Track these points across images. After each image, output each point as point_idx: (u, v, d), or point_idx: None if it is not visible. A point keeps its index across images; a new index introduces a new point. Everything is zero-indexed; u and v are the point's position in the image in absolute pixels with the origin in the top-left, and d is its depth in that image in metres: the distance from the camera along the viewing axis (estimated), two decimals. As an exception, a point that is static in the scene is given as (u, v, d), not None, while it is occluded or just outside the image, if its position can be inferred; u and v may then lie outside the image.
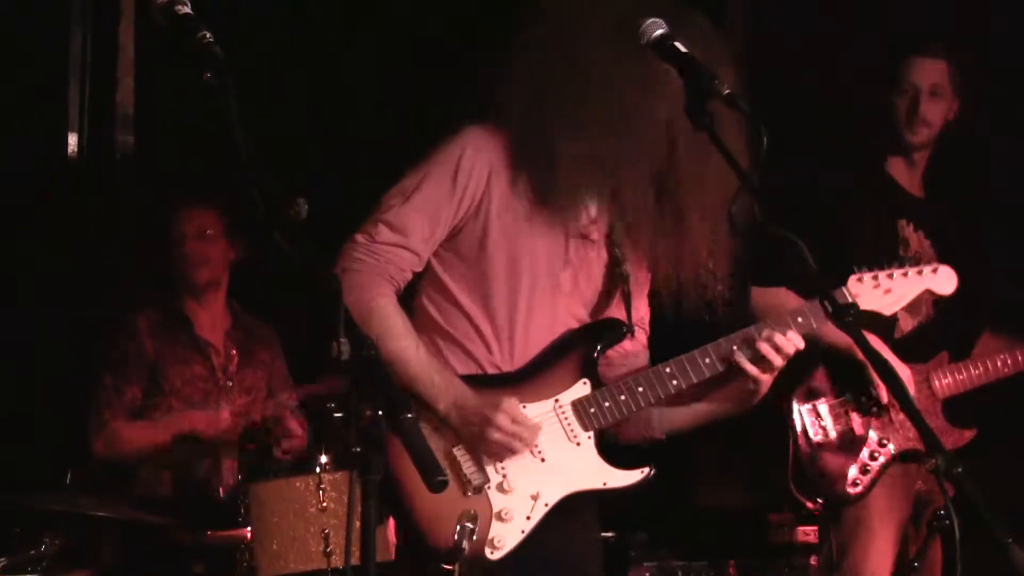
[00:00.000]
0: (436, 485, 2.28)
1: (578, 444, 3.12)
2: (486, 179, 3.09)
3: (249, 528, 4.20)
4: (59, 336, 5.22)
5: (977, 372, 4.27)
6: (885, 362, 2.55)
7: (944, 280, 3.43)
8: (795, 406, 4.24)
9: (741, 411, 3.20)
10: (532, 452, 3.08)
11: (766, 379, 3.10)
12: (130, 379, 4.77)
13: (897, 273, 3.33)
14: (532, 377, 3.14)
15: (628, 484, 3.13)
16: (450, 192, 3.09)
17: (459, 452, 3.05)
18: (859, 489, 4.16)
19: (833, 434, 4.21)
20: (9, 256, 5.24)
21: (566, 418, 3.13)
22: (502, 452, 3.04)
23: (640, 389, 3.12)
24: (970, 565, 3.85)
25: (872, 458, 4.18)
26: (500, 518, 3.04)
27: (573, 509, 3.12)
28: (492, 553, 3.03)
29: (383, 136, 5.56)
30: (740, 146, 2.82)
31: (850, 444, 4.20)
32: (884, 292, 3.31)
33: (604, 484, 3.12)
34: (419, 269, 3.15)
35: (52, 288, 5.30)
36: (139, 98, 5.69)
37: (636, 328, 3.26)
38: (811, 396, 4.25)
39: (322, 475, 4.03)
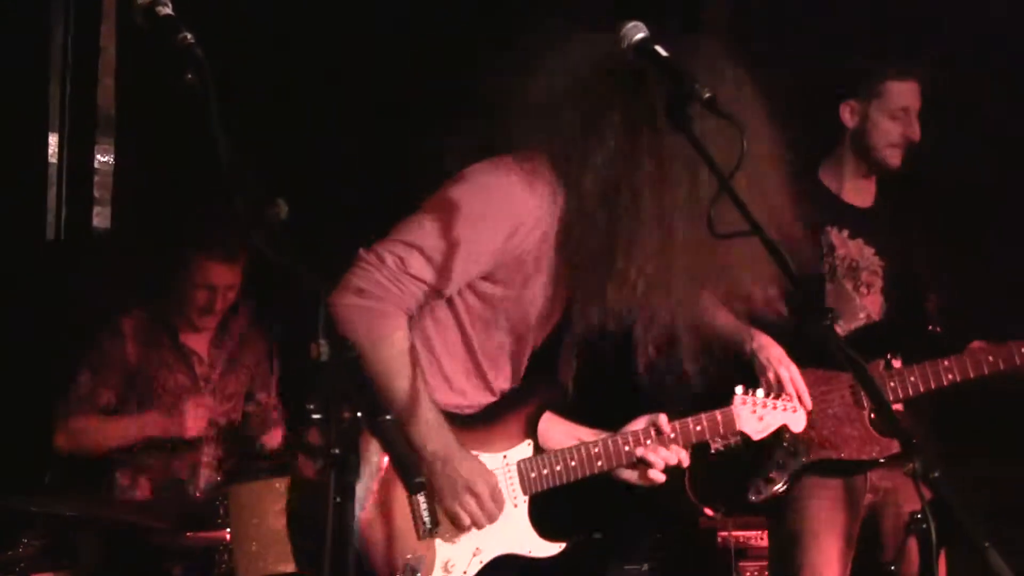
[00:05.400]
0: (415, 487, 2.30)
1: (515, 506, 3.16)
2: (538, 241, 3.01)
3: (228, 529, 4.19)
4: (39, 336, 5.20)
5: (912, 379, 4.15)
6: (863, 368, 2.55)
7: (798, 420, 3.66)
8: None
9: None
10: None
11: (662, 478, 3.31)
12: (107, 381, 4.76)
13: (770, 403, 3.58)
14: (486, 426, 3.15)
15: (548, 556, 3.18)
16: (502, 248, 2.98)
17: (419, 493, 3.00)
18: (761, 497, 4.14)
19: (735, 441, 4.17)
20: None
21: (510, 477, 3.16)
22: (465, 522, 3.04)
23: (572, 464, 3.22)
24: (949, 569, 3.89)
25: (780, 467, 4.15)
26: (445, 569, 3.05)
27: (505, 566, 3.15)
28: None
29: (366, 137, 5.56)
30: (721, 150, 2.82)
31: (755, 452, 4.07)
32: (758, 419, 3.55)
33: (529, 552, 3.17)
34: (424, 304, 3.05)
35: (32, 289, 5.29)
36: (120, 100, 5.68)
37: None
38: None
39: (302, 477, 4.01)
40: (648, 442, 3.29)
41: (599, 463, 3.24)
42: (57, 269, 5.42)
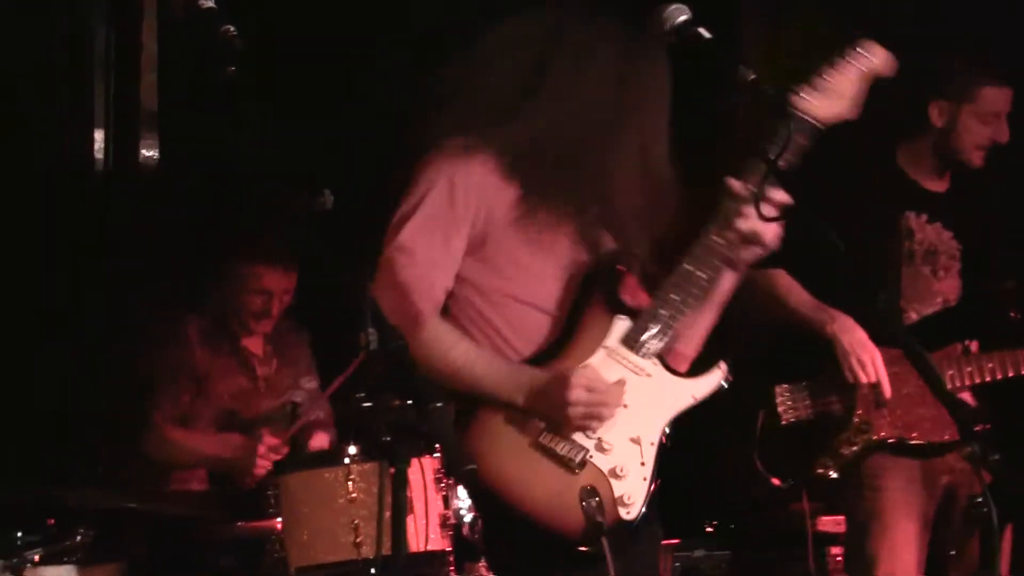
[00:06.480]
0: (468, 474, 2.31)
1: (649, 376, 3.08)
2: (485, 193, 3.09)
3: (279, 519, 4.21)
4: (94, 335, 5.25)
5: (990, 366, 4.19)
6: (916, 348, 2.55)
7: (875, 56, 3.24)
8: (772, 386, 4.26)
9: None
10: None
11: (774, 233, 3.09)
12: (183, 386, 4.83)
13: (828, 70, 3.19)
14: (570, 341, 3.10)
15: (715, 386, 3.11)
16: (450, 207, 3.07)
17: (546, 439, 3.01)
18: (828, 472, 4.16)
19: (806, 415, 4.20)
20: (43, 255, 5.28)
21: (623, 358, 3.08)
22: (592, 424, 2.99)
23: (676, 297, 3.09)
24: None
25: (848, 443, 4.17)
26: (616, 475, 3.00)
27: None
28: (628, 513, 3.00)
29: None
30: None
31: (826, 426, 4.19)
32: (831, 94, 3.17)
33: (694, 398, 3.11)
34: (448, 285, 3.12)
35: (84, 287, 5.33)
36: (163, 95, 5.70)
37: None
38: (788, 375, 4.26)
39: (351, 466, 4.03)
40: (739, 212, 3.06)
41: (704, 273, 3.09)
42: (107, 266, 5.46)
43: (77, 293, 5.32)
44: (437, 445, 3.36)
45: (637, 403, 3.06)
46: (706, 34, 2.83)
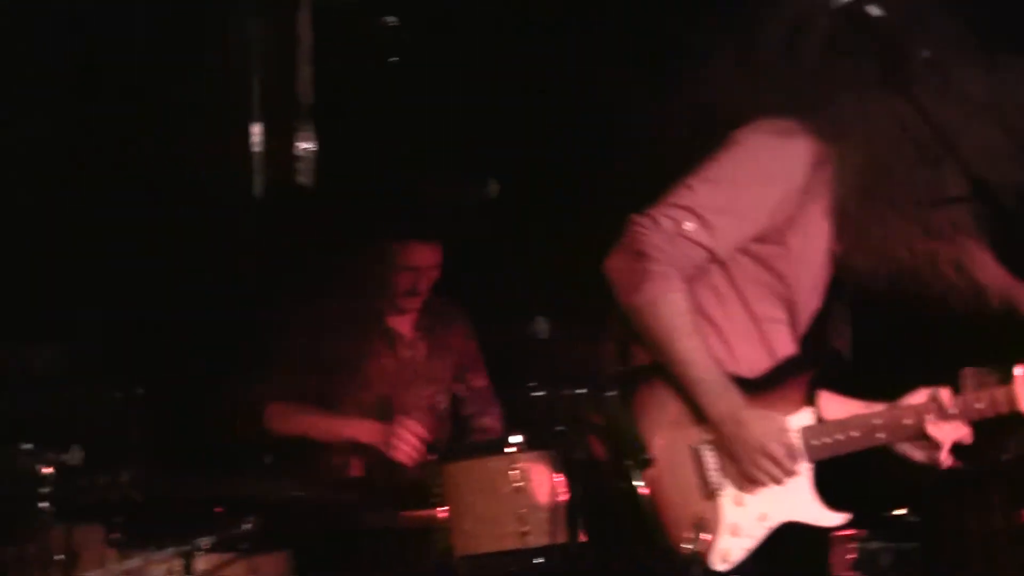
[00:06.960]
0: (641, 463, 2.29)
1: (799, 473, 3.12)
2: (804, 197, 3.04)
3: (442, 508, 4.22)
4: (251, 323, 5.33)
5: None
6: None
7: None
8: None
9: None
10: None
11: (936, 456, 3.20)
12: (312, 366, 4.85)
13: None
14: (767, 391, 3.13)
15: (828, 526, 3.14)
16: (774, 207, 3.03)
17: (706, 450, 3.05)
18: (1008, 456, 4.06)
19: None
20: (204, 247, 5.37)
21: (795, 443, 3.13)
22: (760, 480, 3.04)
23: (854, 434, 3.15)
24: None
25: None
26: (733, 532, 3.05)
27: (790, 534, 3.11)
28: (719, 564, 3.04)
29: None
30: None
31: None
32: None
33: (813, 521, 3.13)
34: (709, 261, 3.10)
35: (251, 275, 5.42)
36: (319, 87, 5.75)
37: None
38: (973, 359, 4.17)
39: (515, 455, 4.03)
40: (930, 417, 3.19)
41: (879, 435, 3.17)
42: (265, 252, 5.53)
43: (234, 287, 5.40)
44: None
45: (782, 487, 3.11)
46: (875, 12, 2.75)
